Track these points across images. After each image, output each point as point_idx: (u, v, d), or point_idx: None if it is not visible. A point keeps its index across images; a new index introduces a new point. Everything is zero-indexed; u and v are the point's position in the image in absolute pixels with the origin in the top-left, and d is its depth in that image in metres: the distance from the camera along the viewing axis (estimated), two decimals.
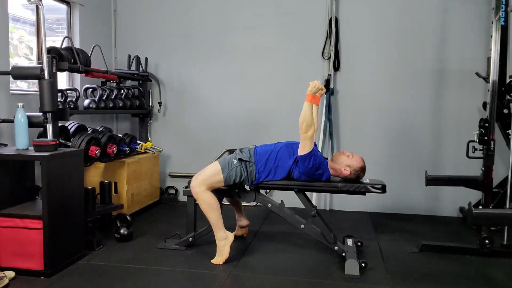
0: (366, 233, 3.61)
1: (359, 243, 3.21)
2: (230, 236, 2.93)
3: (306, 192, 3.07)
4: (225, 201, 3.18)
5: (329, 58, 4.32)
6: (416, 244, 3.27)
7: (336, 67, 4.32)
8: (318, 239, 3.02)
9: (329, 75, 4.30)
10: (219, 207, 2.92)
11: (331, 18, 4.28)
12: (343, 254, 2.90)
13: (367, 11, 4.26)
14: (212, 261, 2.88)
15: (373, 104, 4.30)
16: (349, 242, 3.08)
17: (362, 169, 3.00)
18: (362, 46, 4.29)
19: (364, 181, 3.01)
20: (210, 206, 2.87)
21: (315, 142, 2.97)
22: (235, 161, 2.96)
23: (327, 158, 3.09)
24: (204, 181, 2.89)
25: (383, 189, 2.94)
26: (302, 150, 2.85)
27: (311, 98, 2.90)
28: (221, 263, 2.86)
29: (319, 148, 4.28)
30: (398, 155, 4.28)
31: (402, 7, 4.19)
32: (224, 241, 2.89)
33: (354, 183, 2.97)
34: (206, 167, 3.00)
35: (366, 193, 3.01)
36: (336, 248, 2.95)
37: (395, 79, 4.26)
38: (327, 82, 4.27)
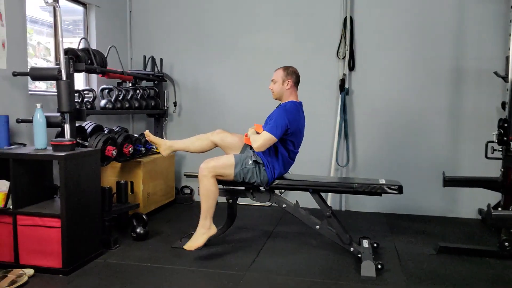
0: (382, 234, 3.58)
1: (375, 245, 3.18)
2: (213, 229, 2.94)
3: (321, 193, 3.06)
4: (243, 201, 3.18)
5: (344, 58, 4.29)
6: (434, 246, 3.22)
7: (351, 67, 4.29)
8: (333, 240, 3.00)
9: (344, 74, 4.28)
10: (216, 197, 2.93)
11: (345, 17, 4.25)
12: (359, 255, 2.87)
13: (382, 10, 4.22)
14: (184, 246, 2.91)
15: (389, 104, 4.25)
16: (365, 243, 3.05)
17: (285, 68, 3.10)
18: (377, 46, 4.26)
19: (380, 182, 2.98)
20: (208, 192, 2.89)
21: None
22: (250, 161, 2.95)
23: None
24: (214, 168, 2.90)
25: (399, 190, 2.91)
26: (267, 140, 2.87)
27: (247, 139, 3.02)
28: (192, 249, 2.88)
29: (334, 150, 4.27)
30: (415, 155, 4.23)
31: (418, 6, 4.14)
32: (205, 230, 2.90)
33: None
34: (221, 156, 3.02)
35: (382, 194, 2.98)
36: (351, 249, 2.93)
37: (411, 78, 4.21)
38: (342, 82, 4.24)
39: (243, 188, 3.05)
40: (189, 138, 3.22)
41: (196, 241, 2.88)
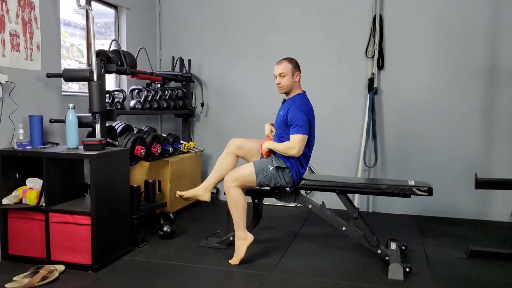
0: (411, 237, 3.50)
1: (403, 247, 3.12)
2: (249, 237, 2.90)
3: (348, 194, 3.02)
4: (267, 201, 3.18)
5: (373, 57, 4.22)
6: (465, 249, 3.13)
7: (380, 66, 4.22)
8: (360, 241, 2.96)
9: (373, 73, 4.21)
10: (245, 206, 2.88)
11: (375, 15, 4.18)
12: (387, 258, 2.82)
13: (413, 7, 4.13)
14: (230, 261, 2.87)
15: (419, 104, 4.16)
16: (393, 245, 3.00)
17: (290, 60, 3.01)
18: (407, 44, 4.17)
19: (409, 183, 2.92)
20: (236, 203, 2.86)
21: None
22: (271, 168, 2.89)
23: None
24: (237, 179, 2.88)
25: (429, 191, 2.84)
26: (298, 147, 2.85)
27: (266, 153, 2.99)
28: (236, 263, 2.85)
29: (362, 150, 4.21)
30: (446, 156, 4.12)
31: (450, 2, 4.03)
32: (241, 241, 2.87)
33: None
34: (241, 166, 2.98)
35: (412, 196, 2.91)
36: (379, 251, 2.88)
37: (443, 77, 4.10)
38: (371, 81, 4.18)
39: (269, 188, 3.05)
40: (213, 168, 3.10)
41: (237, 254, 2.87)
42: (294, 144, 2.81)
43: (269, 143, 2.94)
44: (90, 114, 3.10)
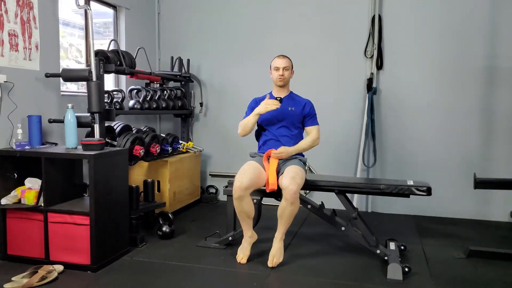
0: (410, 236, 3.51)
1: (402, 247, 3.12)
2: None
3: (347, 194, 3.02)
4: (266, 201, 3.18)
5: (372, 57, 4.22)
6: (464, 249, 3.14)
7: (379, 66, 4.22)
8: (359, 241, 2.96)
9: (372, 74, 4.21)
10: None
11: (374, 15, 4.18)
12: (385, 257, 2.82)
13: (412, 8, 4.13)
14: (269, 266, 2.82)
15: (419, 104, 4.16)
16: (392, 245, 3.00)
17: (288, 57, 3.14)
18: (406, 44, 4.17)
19: (408, 183, 2.92)
20: (296, 209, 2.83)
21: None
22: (302, 162, 3.02)
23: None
24: (300, 186, 2.80)
25: (428, 191, 2.85)
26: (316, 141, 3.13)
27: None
28: (275, 265, 2.84)
29: (360, 150, 4.22)
30: (445, 156, 4.12)
31: (449, 3, 4.03)
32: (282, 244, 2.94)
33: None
34: (295, 171, 2.83)
35: (410, 196, 2.92)
36: (378, 251, 2.88)
37: (442, 77, 4.10)
38: (370, 81, 4.18)
39: None
40: (240, 219, 2.94)
41: (280, 257, 2.85)
42: (318, 134, 3.10)
43: (290, 150, 2.98)
44: (89, 114, 3.10)
